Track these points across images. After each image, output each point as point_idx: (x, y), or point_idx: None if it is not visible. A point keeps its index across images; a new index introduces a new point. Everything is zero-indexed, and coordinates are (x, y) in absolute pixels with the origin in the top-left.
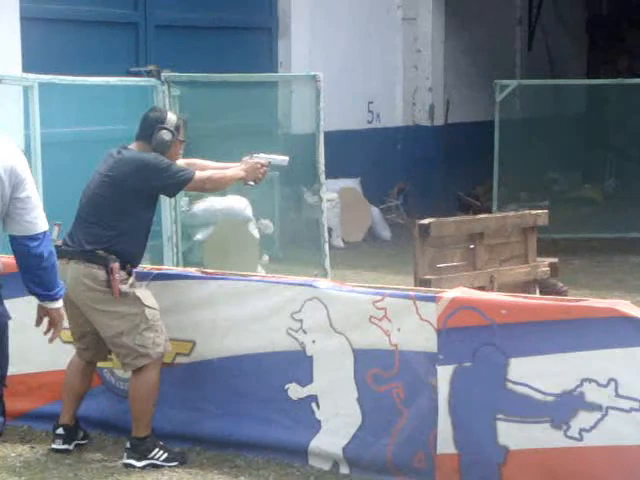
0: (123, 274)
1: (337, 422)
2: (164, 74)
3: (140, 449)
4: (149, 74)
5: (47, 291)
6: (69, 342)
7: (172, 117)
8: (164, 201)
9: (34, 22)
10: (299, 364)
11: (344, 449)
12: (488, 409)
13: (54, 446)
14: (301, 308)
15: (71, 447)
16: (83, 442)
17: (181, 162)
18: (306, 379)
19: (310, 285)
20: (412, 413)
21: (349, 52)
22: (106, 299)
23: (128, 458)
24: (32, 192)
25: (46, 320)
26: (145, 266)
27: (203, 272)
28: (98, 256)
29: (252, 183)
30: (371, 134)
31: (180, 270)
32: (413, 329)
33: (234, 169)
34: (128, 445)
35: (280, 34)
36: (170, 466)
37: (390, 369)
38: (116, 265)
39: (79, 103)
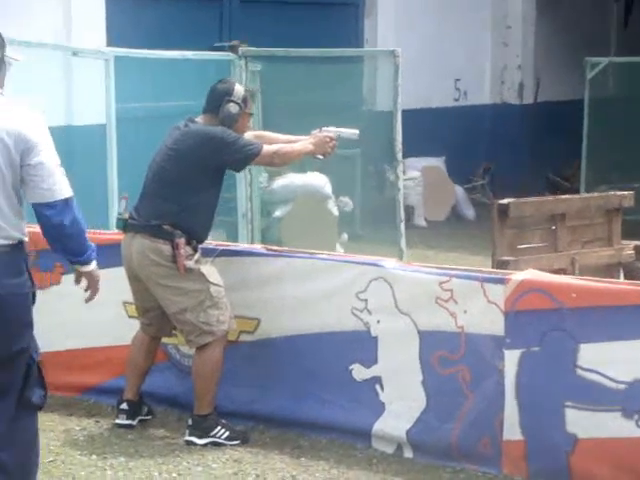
0: (189, 250)
1: (401, 405)
2: (242, 49)
3: (202, 426)
4: (232, 49)
5: (76, 256)
6: (134, 317)
7: (239, 89)
8: (240, 177)
9: None
10: (363, 345)
11: (408, 433)
12: (556, 396)
13: (117, 421)
14: (366, 288)
15: (134, 422)
16: (147, 418)
17: (250, 135)
18: (370, 360)
19: (375, 264)
20: (478, 397)
21: (436, 29)
22: (171, 274)
23: (190, 435)
24: (46, 158)
25: (84, 282)
26: (211, 242)
27: (268, 249)
28: (164, 231)
29: (320, 157)
30: (457, 112)
31: (245, 247)
32: (480, 311)
33: (302, 142)
34: (190, 422)
35: (367, 11)
36: (232, 444)
37: (456, 352)
38: (182, 240)
39: (156, 78)
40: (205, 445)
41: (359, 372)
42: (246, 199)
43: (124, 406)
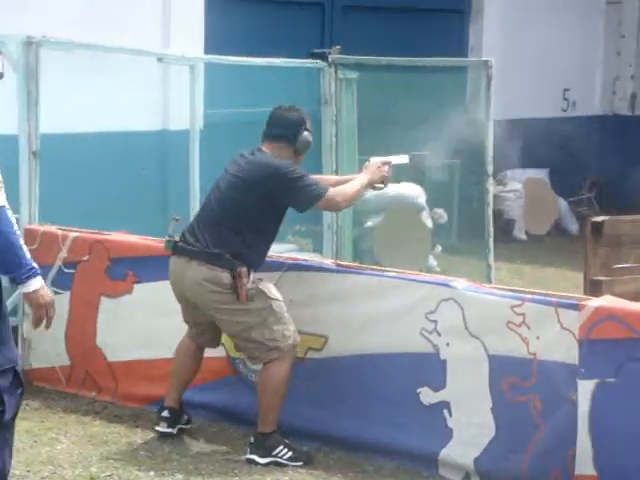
0: (247, 279)
1: (469, 432)
2: (332, 56)
3: (264, 445)
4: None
5: (7, 273)
6: None
7: (306, 117)
8: None
9: (219, 1)
10: (432, 367)
11: (476, 461)
12: (633, 432)
13: (158, 429)
14: (436, 308)
15: (174, 431)
16: (186, 426)
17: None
18: (439, 384)
19: (446, 285)
20: (549, 427)
21: (545, 36)
22: (231, 300)
23: (251, 454)
24: None
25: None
26: (280, 255)
27: (338, 265)
28: (224, 260)
29: (381, 185)
30: (565, 123)
31: (315, 262)
32: (553, 338)
33: (359, 178)
34: (252, 440)
35: (472, 17)
36: (294, 465)
37: (527, 379)
38: (244, 270)
39: (246, 84)
40: (266, 465)
41: (427, 396)
42: None
43: (165, 414)
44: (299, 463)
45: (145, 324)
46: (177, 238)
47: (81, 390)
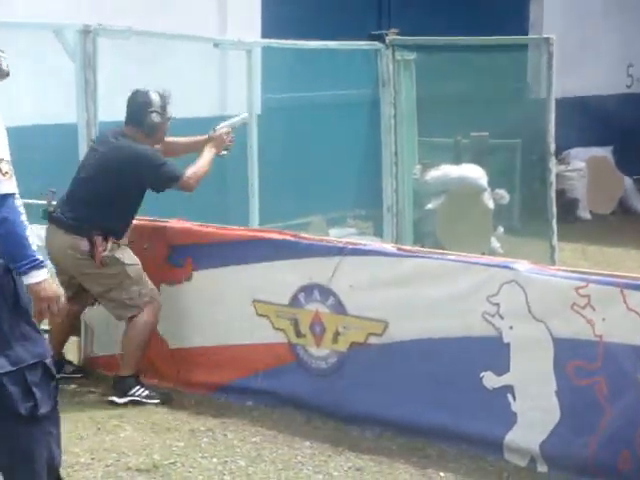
0: (104, 244)
1: (534, 416)
2: (389, 37)
3: (121, 387)
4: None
5: (10, 262)
6: (264, 315)
7: (156, 97)
8: (385, 169)
9: None
10: (495, 351)
11: (541, 445)
12: None
13: None
14: (498, 291)
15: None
16: (75, 375)
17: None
18: (502, 368)
19: (508, 267)
20: (617, 410)
21: (607, 12)
22: (90, 264)
23: (111, 396)
24: None
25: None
26: (340, 240)
27: (399, 248)
28: (83, 229)
29: (225, 152)
30: (629, 99)
31: (374, 246)
32: (619, 320)
33: (206, 155)
34: (112, 383)
35: None
36: (150, 403)
37: (593, 362)
38: (99, 238)
39: (304, 68)
40: (125, 404)
41: (490, 380)
42: (392, 192)
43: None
44: (155, 401)
45: (204, 311)
46: (51, 208)
47: (144, 377)
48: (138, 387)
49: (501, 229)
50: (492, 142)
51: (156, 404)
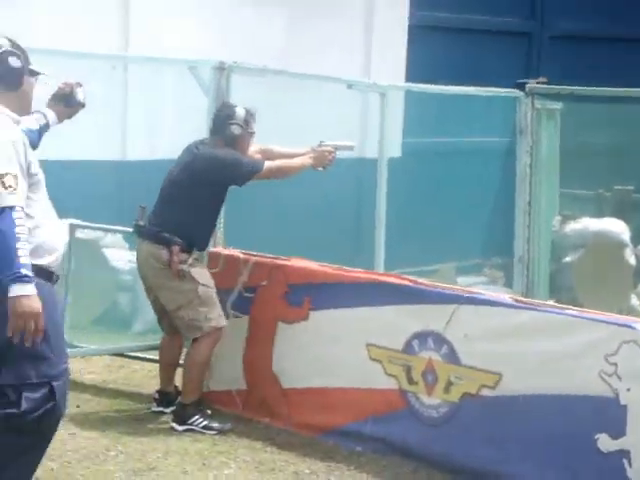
0: (183, 256)
1: None
2: (528, 86)
3: (182, 414)
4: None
5: (1, 274)
6: (377, 360)
7: (240, 111)
8: (518, 220)
9: (423, 30)
10: (611, 413)
11: None
12: None
13: (152, 409)
14: (617, 350)
15: (167, 410)
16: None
17: (255, 148)
18: (618, 431)
19: (629, 326)
20: None
21: None
22: (168, 275)
23: (172, 422)
24: None
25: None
26: (457, 287)
27: (516, 300)
28: (164, 237)
29: (321, 169)
30: None
31: (491, 296)
32: None
33: (302, 157)
34: (174, 409)
35: None
36: (209, 434)
37: None
38: (176, 248)
39: (443, 113)
40: (184, 431)
41: (605, 443)
42: (523, 242)
43: (156, 395)
44: (212, 432)
45: (319, 352)
46: (142, 223)
47: (256, 415)
48: (197, 417)
49: None
50: (637, 196)
51: (213, 435)
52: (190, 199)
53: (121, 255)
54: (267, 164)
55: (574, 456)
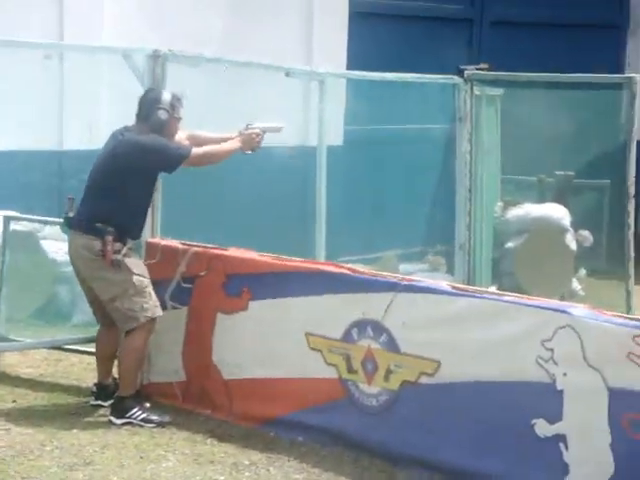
0: (117, 245)
1: (587, 468)
2: (467, 72)
3: (120, 407)
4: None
5: None
6: (316, 349)
7: (167, 96)
8: (459, 206)
9: (363, 17)
10: (548, 398)
11: None
12: None
13: (91, 402)
14: (553, 336)
15: (105, 404)
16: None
17: (183, 134)
18: (555, 416)
19: (564, 311)
20: None
21: None
22: (100, 267)
23: (110, 415)
24: None
25: None
26: (397, 275)
27: (454, 287)
28: (95, 228)
29: (250, 152)
30: None
31: (429, 283)
32: None
33: (230, 142)
34: (111, 402)
35: (631, 33)
36: (148, 426)
37: None
38: (109, 237)
39: (380, 101)
40: (122, 425)
41: (542, 428)
42: (465, 229)
43: (94, 388)
44: (151, 425)
45: (259, 342)
46: (71, 214)
47: (197, 407)
48: (136, 409)
49: (583, 271)
50: (578, 182)
51: (152, 428)
52: (118, 187)
53: (59, 247)
54: (194, 150)
55: (511, 442)
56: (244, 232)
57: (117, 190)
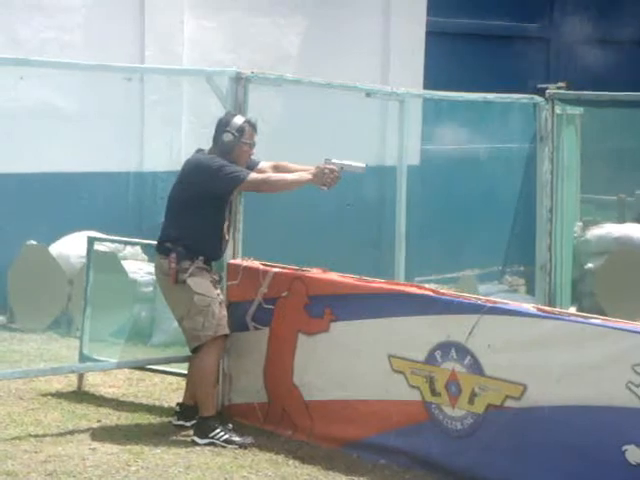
0: (186, 263)
1: None
2: (548, 91)
3: (202, 428)
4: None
5: None
6: (399, 372)
7: (238, 120)
8: (539, 225)
9: (440, 37)
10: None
11: None
12: None
13: (173, 422)
14: None
15: (188, 424)
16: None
17: (267, 164)
18: None
19: None
20: None
21: None
22: (168, 286)
23: (193, 435)
24: None
25: None
26: (480, 297)
27: (539, 309)
28: (165, 247)
29: (325, 188)
30: None
31: (514, 305)
32: None
33: (300, 173)
34: (194, 423)
35: None
36: (230, 447)
37: None
38: (173, 256)
39: (462, 120)
40: (205, 445)
41: (634, 454)
42: (546, 250)
43: (177, 408)
44: (234, 446)
45: (341, 363)
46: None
47: (278, 428)
48: (219, 430)
49: None
50: None
51: (234, 449)
52: (185, 208)
53: (139, 267)
54: (252, 175)
55: (602, 468)
56: (323, 253)
57: (184, 210)
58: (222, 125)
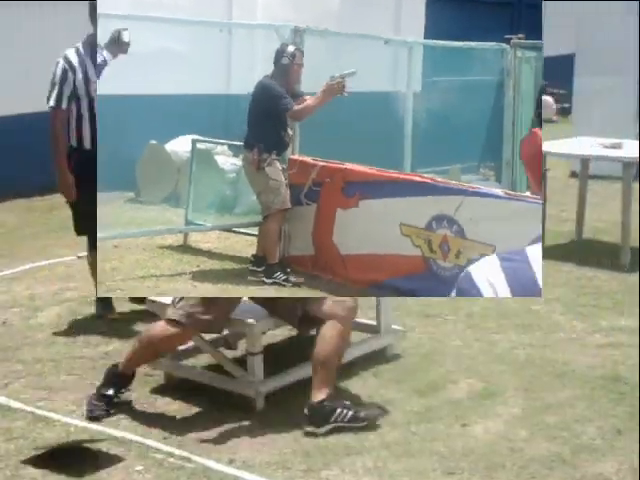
0: (265, 155)
1: None
2: (512, 41)
3: (269, 271)
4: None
5: None
6: (407, 235)
7: (290, 48)
8: (506, 133)
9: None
10: None
11: None
12: None
13: (249, 268)
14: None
15: (259, 269)
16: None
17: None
18: None
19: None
20: None
21: None
22: (253, 171)
23: (263, 277)
24: None
25: None
26: (464, 184)
27: (506, 193)
28: (250, 144)
29: (340, 95)
30: None
31: (489, 190)
32: None
33: (316, 96)
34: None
35: None
36: (288, 285)
37: None
38: (255, 150)
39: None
40: (271, 285)
41: None
42: (510, 150)
43: (252, 258)
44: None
45: (367, 229)
46: None
47: (322, 273)
48: (280, 273)
49: None
50: None
51: (291, 287)
52: (259, 118)
53: (226, 160)
54: (295, 108)
55: None
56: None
57: (259, 120)
58: (280, 52)
